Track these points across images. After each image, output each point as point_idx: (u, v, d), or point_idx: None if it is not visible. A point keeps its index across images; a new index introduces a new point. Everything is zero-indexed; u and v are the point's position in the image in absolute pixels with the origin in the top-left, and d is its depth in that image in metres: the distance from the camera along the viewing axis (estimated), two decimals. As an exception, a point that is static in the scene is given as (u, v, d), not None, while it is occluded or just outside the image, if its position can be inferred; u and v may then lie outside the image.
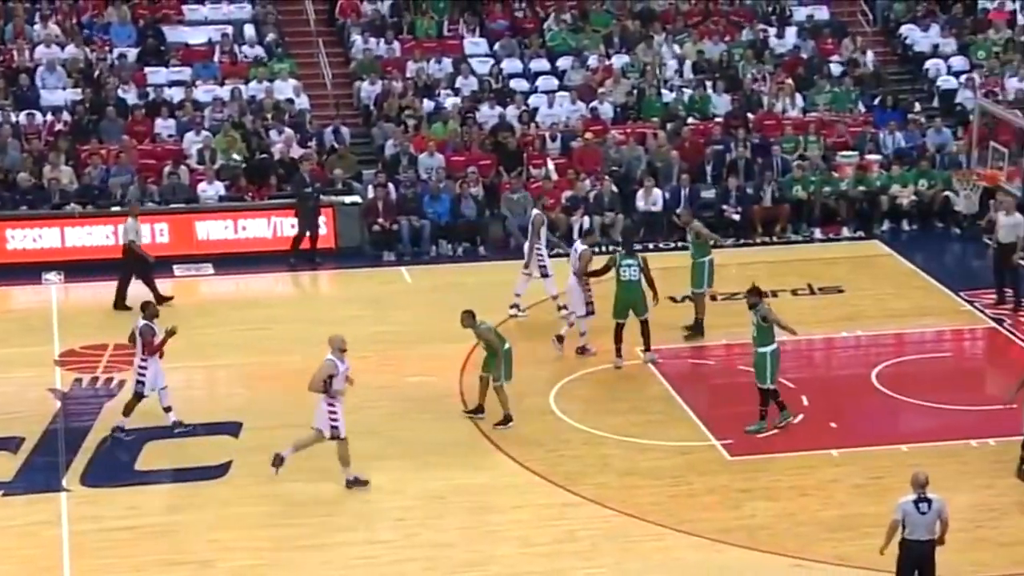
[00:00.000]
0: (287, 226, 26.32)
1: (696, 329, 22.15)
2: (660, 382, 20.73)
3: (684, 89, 30.64)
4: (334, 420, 17.44)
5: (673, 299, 23.32)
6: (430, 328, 22.40)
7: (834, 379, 20.72)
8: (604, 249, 23.69)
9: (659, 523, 16.78)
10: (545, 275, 22.87)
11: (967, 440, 18.71)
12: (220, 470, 18.23)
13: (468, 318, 19.28)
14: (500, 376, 19.18)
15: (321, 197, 26.34)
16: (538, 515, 17.01)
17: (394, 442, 18.96)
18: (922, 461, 17.02)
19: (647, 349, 21.26)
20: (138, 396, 18.99)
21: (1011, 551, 16.10)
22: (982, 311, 23.30)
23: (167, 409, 19.11)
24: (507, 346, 19.35)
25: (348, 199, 27.07)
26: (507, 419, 19.26)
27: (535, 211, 23.41)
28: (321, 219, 26.31)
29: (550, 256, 22.90)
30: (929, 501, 14.26)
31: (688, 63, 31.47)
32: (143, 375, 18.94)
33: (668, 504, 17.23)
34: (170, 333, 19.00)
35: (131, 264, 23.72)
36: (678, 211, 24.74)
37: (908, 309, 23.19)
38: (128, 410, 19.00)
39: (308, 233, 25.94)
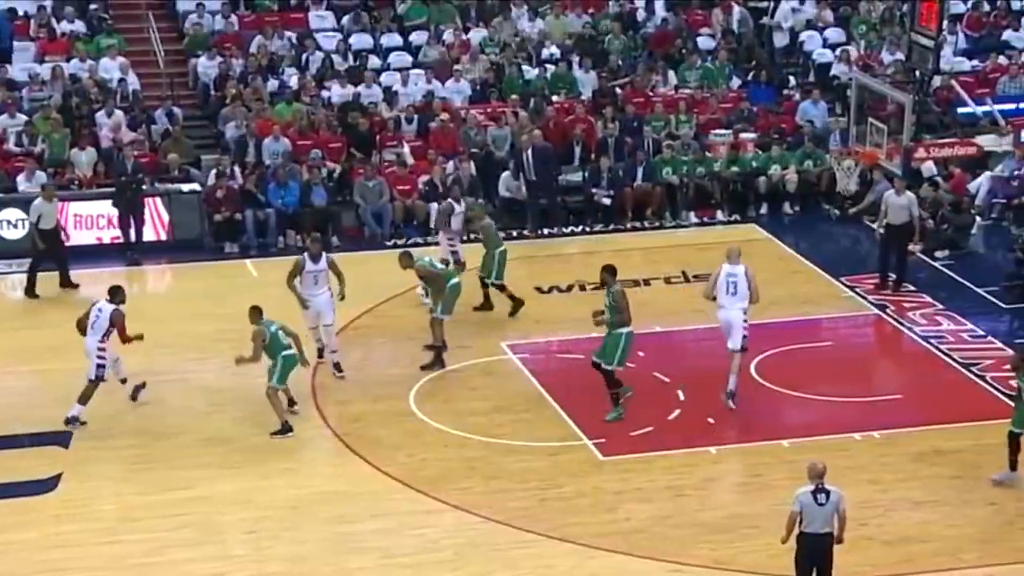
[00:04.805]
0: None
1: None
2: (527, 379, 20.90)
3: (547, 66, 30.88)
4: None
5: (540, 289, 23.56)
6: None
7: (711, 372, 20.97)
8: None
9: (528, 529, 16.93)
10: None
11: (851, 433, 19.16)
12: (49, 484, 18.00)
13: (406, 259, 21.14)
14: (439, 310, 20.83)
15: (143, 185, 26.17)
16: (399, 523, 17.07)
17: (242, 449, 18.89)
18: (805, 456, 17.39)
19: None
20: (98, 380, 19.32)
21: (898, 549, 16.56)
22: (864, 297, 23.88)
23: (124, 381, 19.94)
24: (453, 280, 21.01)
25: (185, 187, 26.85)
26: (438, 356, 20.94)
27: None
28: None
29: None
30: (827, 492, 14.62)
31: (551, 38, 31.73)
32: (103, 359, 19.27)
33: (537, 509, 17.40)
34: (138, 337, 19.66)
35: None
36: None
37: (787, 297, 23.63)
38: (85, 398, 19.26)
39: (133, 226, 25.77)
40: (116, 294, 19.78)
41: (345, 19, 31.95)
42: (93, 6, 31.19)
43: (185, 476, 18.16)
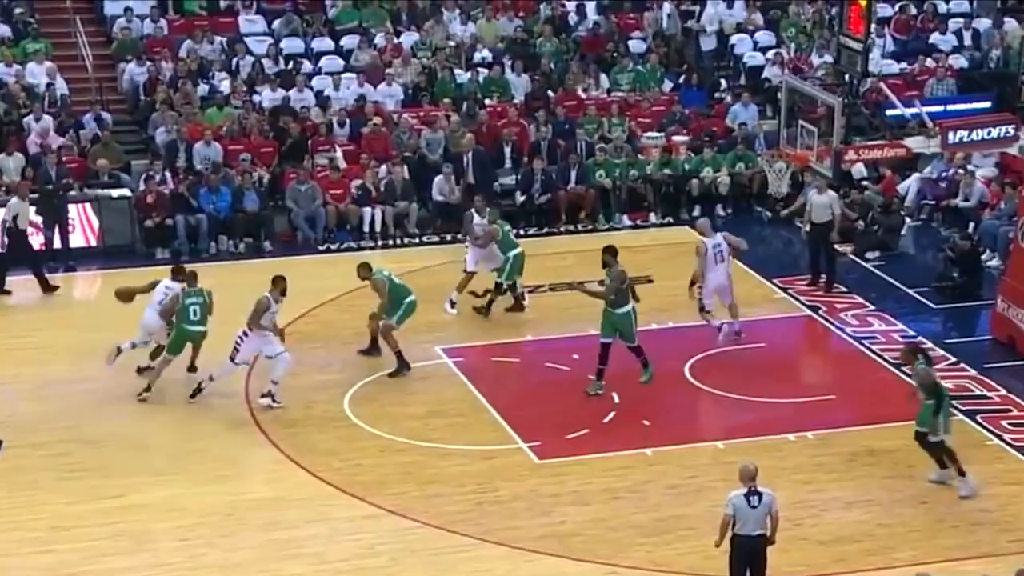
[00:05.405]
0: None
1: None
2: (462, 382, 20.90)
3: (479, 69, 30.88)
4: None
5: (474, 293, 23.56)
6: (212, 331, 22.13)
7: (646, 374, 21.16)
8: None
9: (465, 533, 16.95)
10: None
11: (785, 434, 19.29)
12: (-24, 493, 17.87)
13: (364, 270, 20.98)
14: (392, 318, 20.86)
15: (71, 191, 26.06)
16: (335, 529, 17.04)
17: (175, 455, 18.79)
18: (739, 458, 17.47)
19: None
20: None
21: (832, 549, 16.69)
22: (797, 299, 24.04)
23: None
24: (410, 298, 20.97)
25: (115, 192, 26.65)
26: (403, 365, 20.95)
27: None
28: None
29: None
30: (760, 494, 14.73)
31: (483, 42, 31.74)
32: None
33: (474, 513, 17.41)
34: None
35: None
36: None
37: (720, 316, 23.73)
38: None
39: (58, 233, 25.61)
40: (179, 272, 20.87)
41: (276, 23, 31.80)
42: (18, 10, 30.88)
43: (117, 484, 18.02)
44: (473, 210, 24.02)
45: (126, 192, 26.73)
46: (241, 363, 20.11)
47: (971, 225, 26.47)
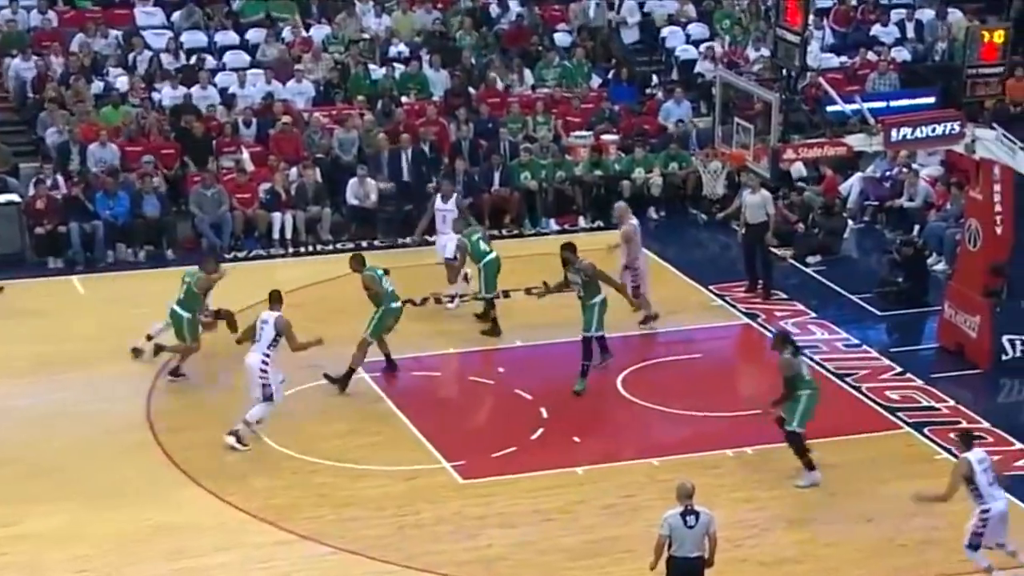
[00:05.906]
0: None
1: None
2: (381, 398, 20.82)
3: (395, 65, 30.82)
4: None
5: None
6: (109, 346, 21.97)
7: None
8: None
9: (384, 559, 16.88)
10: None
11: (723, 450, 19.34)
12: None
13: (357, 263, 21.03)
14: (368, 331, 20.64)
15: None
16: (246, 556, 16.92)
17: (71, 480, 18.58)
18: (675, 475, 17.49)
19: None
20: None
21: (775, 571, 16.74)
22: (734, 306, 24.14)
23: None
24: (394, 304, 20.90)
25: (2, 198, 26.39)
26: (348, 377, 20.66)
27: None
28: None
29: None
30: (697, 514, 14.77)
31: (399, 35, 31.71)
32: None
33: (394, 537, 17.36)
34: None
35: None
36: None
37: (653, 306, 23.81)
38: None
39: None
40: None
41: (175, 15, 31.62)
42: None
43: (8, 512, 17.79)
44: (439, 195, 24.10)
45: (14, 197, 26.50)
46: (279, 398, 19.48)
47: (916, 227, 26.70)
